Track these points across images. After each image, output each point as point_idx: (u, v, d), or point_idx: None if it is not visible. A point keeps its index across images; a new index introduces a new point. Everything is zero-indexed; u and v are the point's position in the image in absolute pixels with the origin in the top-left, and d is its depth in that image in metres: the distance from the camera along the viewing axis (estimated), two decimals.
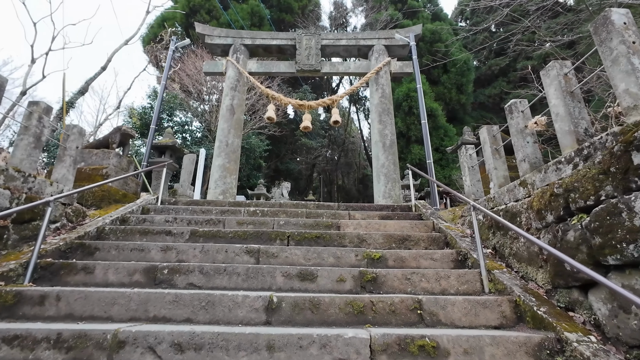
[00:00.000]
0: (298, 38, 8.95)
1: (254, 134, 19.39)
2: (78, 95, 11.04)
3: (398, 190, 7.69)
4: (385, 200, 7.47)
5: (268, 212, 4.83)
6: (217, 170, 7.78)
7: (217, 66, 8.98)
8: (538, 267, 2.85)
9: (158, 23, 21.64)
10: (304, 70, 8.90)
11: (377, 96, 8.49)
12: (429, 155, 7.01)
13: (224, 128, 8.14)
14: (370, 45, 9.11)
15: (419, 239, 3.96)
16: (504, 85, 28.87)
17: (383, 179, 7.69)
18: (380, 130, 8.15)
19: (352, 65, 9.11)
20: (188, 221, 4.37)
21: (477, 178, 4.58)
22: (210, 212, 4.83)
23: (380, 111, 8.32)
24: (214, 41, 9.09)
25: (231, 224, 4.35)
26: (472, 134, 8.03)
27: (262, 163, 23.02)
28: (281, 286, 2.96)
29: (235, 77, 8.62)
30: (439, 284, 2.99)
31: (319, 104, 8.11)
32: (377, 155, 7.99)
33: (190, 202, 5.35)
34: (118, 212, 4.47)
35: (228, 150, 7.95)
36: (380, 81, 8.60)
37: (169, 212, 4.83)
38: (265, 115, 8.09)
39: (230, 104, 8.36)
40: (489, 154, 4.08)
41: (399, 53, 9.32)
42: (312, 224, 4.37)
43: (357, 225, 4.38)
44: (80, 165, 5.56)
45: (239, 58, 8.86)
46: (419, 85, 7.89)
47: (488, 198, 3.96)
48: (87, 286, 2.92)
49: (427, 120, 23.49)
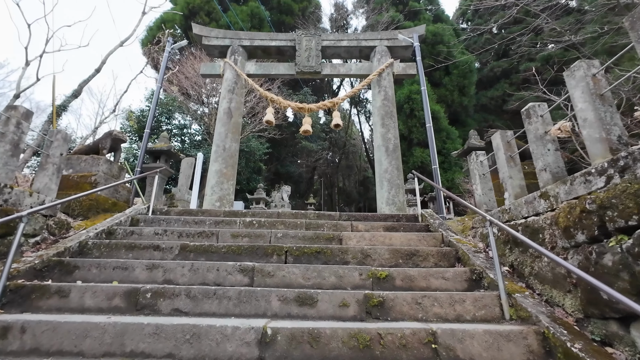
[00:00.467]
0: (298, 39, 8.68)
1: (253, 137, 19.13)
2: (71, 98, 10.78)
3: (402, 196, 7.37)
4: (389, 207, 7.16)
5: (265, 222, 4.53)
6: (213, 176, 7.48)
7: (214, 68, 8.71)
8: (565, 291, 2.53)
9: (157, 25, 21.45)
10: (304, 72, 8.62)
11: (380, 99, 8.20)
12: (435, 160, 6.70)
13: (221, 132, 7.86)
14: (372, 47, 8.83)
15: (427, 254, 3.65)
16: (506, 87, 28.56)
17: (386, 185, 7.39)
18: (383, 134, 7.85)
19: (353, 66, 8.84)
20: (179, 234, 4.07)
21: (488, 186, 4.27)
22: (204, 224, 4.53)
23: (383, 114, 8.03)
24: (211, 42, 8.82)
25: (225, 236, 4.05)
26: (478, 137, 7.72)
27: (262, 166, 22.75)
28: (277, 312, 2.65)
29: (232, 80, 8.34)
30: (453, 309, 2.68)
31: (319, 107, 7.82)
32: (380, 160, 7.69)
33: (183, 212, 5.05)
34: (104, 224, 4.17)
35: (225, 155, 7.66)
36: (382, 83, 8.31)
37: (160, 224, 4.52)
38: (264, 118, 7.80)
39: (227, 107, 8.08)
40: (503, 161, 3.77)
41: (402, 54, 9.04)
42: (312, 237, 4.06)
43: (360, 237, 4.07)
44: (68, 172, 5.27)
45: (237, 60, 8.59)
46: (423, 88, 7.59)
47: (503, 210, 3.65)
48: (60, 312, 2.62)
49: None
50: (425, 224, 4.67)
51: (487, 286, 3.03)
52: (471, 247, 3.69)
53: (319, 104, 7.87)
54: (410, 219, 5.07)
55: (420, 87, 23.46)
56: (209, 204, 7.24)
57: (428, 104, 7.38)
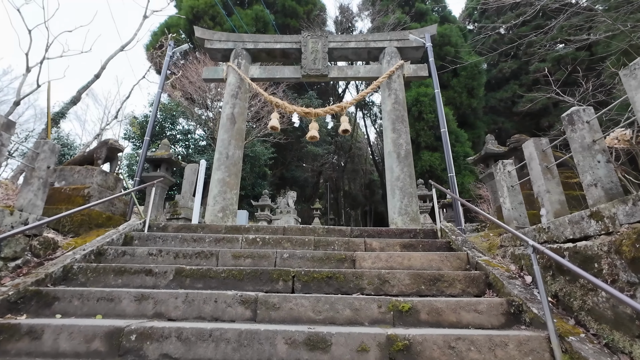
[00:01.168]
0: (303, 41, 8.32)
1: (258, 142, 18.82)
2: (70, 105, 10.57)
3: (415, 205, 6.93)
4: (402, 218, 6.72)
5: (270, 240, 4.12)
6: (216, 185, 7.12)
7: (217, 72, 8.38)
8: (634, 336, 2.08)
9: (161, 30, 21.33)
10: (310, 75, 8.25)
11: (390, 102, 7.78)
12: (451, 167, 6.25)
13: (224, 139, 7.51)
14: (381, 48, 8.44)
15: (453, 278, 3.21)
16: (516, 88, 27.93)
17: (398, 194, 6.95)
18: (394, 139, 7.43)
19: (361, 69, 8.45)
20: (175, 254, 3.68)
21: (518, 200, 3.82)
22: (203, 241, 4.14)
23: (394, 118, 7.61)
24: (214, 46, 8.51)
25: (226, 257, 3.65)
26: (496, 142, 7.26)
27: (268, 171, 22.44)
28: (283, 357, 2.24)
29: (236, 84, 8.00)
30: (494, 355, 2.24)
31: (326, 112, 7.43)
32: (391, 167, 7.26)
33: (182, 228, 4.67)
34: (94, 244, 3.80)
35: (228, 162, 7.30)
36: (392, 86, 7.91)
37: (155, 242, 4.15)
38: (269, 124, 7.43)
39: (230, 113, 7.74)
40: (538, 173, 3.32)
41: (412, 55, 8.62)
42: (322, 258, 3.64)
43: (375, 258, 3.64)
44: (60, 184, 4.94)
45: (241, 63, 8.26)
46: (437, 90, 7.16)
47: (539, 228, 3.20)
48: (31, 357, 2.24)
49: (437, 125, 22.43)
50: (446, 241, 4.22)
51: (529, 322, 2.59)
52: (504, 272, 3.24)
53: (326, 109, 7.49)
54: (428, 234, 4.63)
55: (428, 89, 22.94)
56: (211, 215, 6.88)
57: (442, 107, 6.95)
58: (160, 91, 7.51)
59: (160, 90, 7.52)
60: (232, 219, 6.97)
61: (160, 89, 7.53)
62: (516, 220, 3.75)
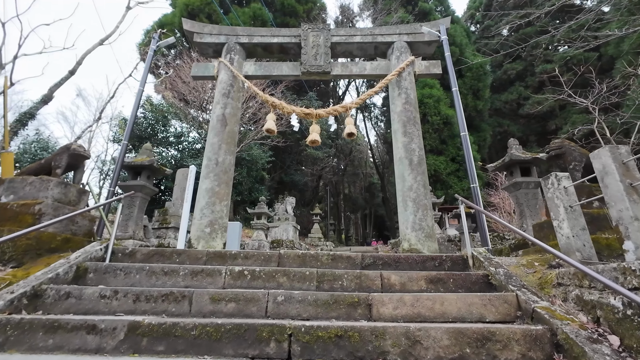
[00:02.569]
0: (303, 34, 7.49)
1: (255, 145, 17.99)
2: (40, 104, 9.72)
3: (431, 219, 6.07)
4: (416, 234, 5.86)
5: (261, 273, 3.25)
6: (203, 196, 6.26)
7: (207, 69, 7.54)
8: None
9: (154, 28, 20.55)
10: (311, 72, 7.41)
11: (400, 102, 6.95)
12: (474, 177, 5.41)
13: (214, 143, 6.65)
14: (389, 42, 7.61)
15: (508, 337, 2.35)
16: (521, 90, 27.20)
17: (411, 206, 6.09)
18: (406, 144, 6.58)
19: (367, 65, 7.62)
20: (136, 296, 2.81)
21: (580, 225, 2.97)
22: (176, 275, 3.27)
23: (405, 120, 6.77)
24: (204, 40, 7.67)
25: (202, 301, 2.78)
26: (520, 148, 6.41)
27: (265, 175, 21.59)
28: None
29: (228, 82, 7.16)
30: None
31: (329, 113, 6.59)
32: (403, 175, 6.40)
33: (153, 254, 3.79)
34: (29, 282, 2.92)
35: (218, 170, 6.44)
36: (403, 84, 7.07)
37: (116, 276, 3.27)
38: (265, 126, 6.59)
39: (221, 114, 6.88)
40: (619, 192, 2.48)
41: (424, 51, 7.80)
42: (327, 302, 2.78)
43: (398, 302, 2.78)
44: (7, 199, 4.07)
45: (233, 59, 7.42)
46: (454, 89, 6.32)
47: (625, 269, 2.34)
48: None
49: (442, 128, 21.72)
50: (483, 274, 3.35)
51: None
52: (577, 328, 2.37)
53: (329, 110, 6.65)
54: (457, 262, 3.77)
55: (432, 90, 22.08)
56: (197, 230, 6.01)
57: (462, 109, 6.12)
58: (141, 89, 6.66)
59: (142, 89, 6.67)
60: (221, 234, 6.11)
61: (142, 86, 6.68)
62: (579, 252, 2.89)
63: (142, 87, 6.66)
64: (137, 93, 6.57)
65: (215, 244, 5.94)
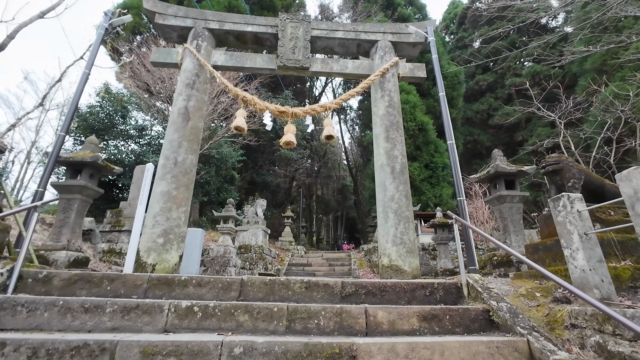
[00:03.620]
0: (281, 25, 6.82)
1: (226, 143, 16.95)
2: None
3: (412, 233, 5.62)
4: (397, 249, 5.38)
5: (216, 310, 2.55)
6: (158, 201, 5.39)
7: (170, 55, 6.65)
8: None
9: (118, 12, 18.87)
10: (288, 67, 6.75)
11: (383, 105, 6.48)
12: (461, 191, 5.00)
13: (173, 140, 5.80)
14: (373, 41, 7.13)
15: None
16: (491, 101, 28.14)
17: (393, 218, 5.61)
18: (388, 150, 6.10)
19: (349, 64, 7.09)
20: (33, 351, 2.01)
21: (597, 256, 2.56)
22: (101, 312, 2.48)
23: (388, 125, 6.30)
24: (167, 22, 6.77)
25: (129, 357, 2.04)
26: (505, 159, 6.15)
27: (236, 175, 20.53)
28: None
29: (193, 71, 6.32)
30: None
31: (307, 113, 5.96)
32: (384, 184, 5.91)
33: (77, 279, 2.95)
34: None
35: (177, 171, 5.60)
36: (386, 86, 6.61)
37: (15, 313, 2.42)
38: (233, 124, 5.85)
39: (183, 107, 6.04)
40: None
41: (408, 53, 7.40)
42: (299, 354, 2.14)
43: (389, 353, 2.20)
44: None
45: (201, 46, 6.59)
46: (441, 93, 5.93)
47: None
48: None
49: (417, 134, 21.59)
50: (483, 309, 2.86)
51: None
52: None
53: (307, 109, 6.03)
54: (450, 291, 3.27)
55: (409, 96, 21.95)
56: (148, 241, 5.14)
57: (448, 115, 5.73)
58: (87, 72, 5.66)
59: (88, 71, 5.67)
60: (177, 245, 5.28)
61: (88, 69, 5.68)
62: (598, 289, 2.48)
63: (87, 69, 5.66)
64: (81, 76, 5.57)
65: (169, 257, 5.11)
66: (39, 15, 6.15)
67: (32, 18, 6.25)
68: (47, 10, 6.30)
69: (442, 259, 8.45)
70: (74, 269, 4.86)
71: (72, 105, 5.35)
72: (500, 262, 5.60)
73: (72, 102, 5.38)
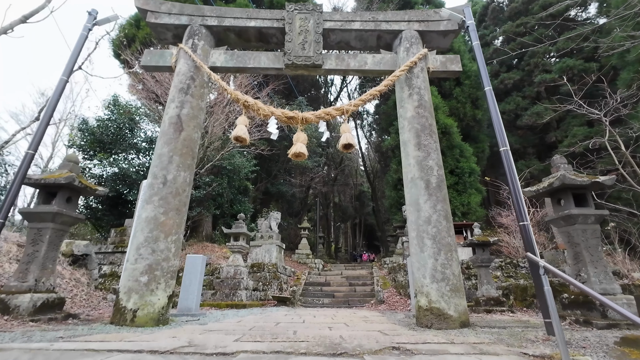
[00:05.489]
0: (288, 17, 5.88)
1: (238, 153, 16.21)
2: None
3: (457, 265, 4.43)
4: (438, 287, 4.21)
5: None
6: (142, 229, 4.48)
7: (163, 57, 5.82)
8: None
9: (130, 23, 18.70)
10: (297, 65, 5.78)
11: (412, 105, 5.37)
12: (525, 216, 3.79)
13: (162, 154, 4.90)
14: (396, 32, 6.08)
15: None
16: (519, 100, 26.21)
17: (430, 246, 4.45)
18: (420, 160, 4.97)
19: (369, 59, 6.04)
20: None
21: None
22: None
23: (419, 129, 5.18)
24: (160, 20, 5.97)
25: None
26: (570, 168, 4.86)
27: (249, 186, 19.73)
28: None
29: (187, 74, 5.46)
30: None
31: (320, 117, 4.94)
32: (417, 202, 4.77)
33: None
34: None
35: (166, 191, 4.68)
36: (415, 83, 5.51)
37: None
38: (233, 134, 4.91)
39: (175, 115, 5.15)
40: None
41: (437, 43, 6.30)
42: None
43: None
44: None
45: (197, 45, 5.73)
46: (488, 88, 4.74)
47: None
48: None
49: (441, 138, 20.17)
50: None
51: None
52: None
53: (319, 113, 5.01)
54: None
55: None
56: (129, 279, 4.21)
57: (498, 112, 4.52)
58: (65, 79, 4.88)
59: (65, 78, 4.88)
60: (166, 284, 4.32)
61: (66, 76, 4.90)
62: None
63: (65, 76, 4.87)
64: (57, 83, 4.78)
65: (154, 299, 4.15)
66: (21, 20, 5.52)
67: (13, 23, 5.62)
68: (30, 14, 5.67)
69: (484, 285, 7.15)
70: (40, 315, 3.99)
71: (45, 117, 4.55)
72: (574, 303, 4.32)
73: (46, 113, 4.59)
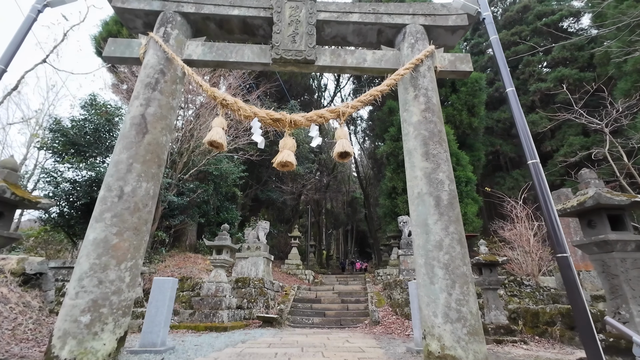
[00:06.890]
0: (277, 5, 5.12)
1: (225, 158, 15.33)
2: None
3: (474, 300, 3.66)
4: (452, 328, 3.43)
5: None
6: (88, 254, 3.60)
7: (129, 47, 5.00)
8: None
9: (114, 20, 17.79)
10: (287, 60, 5.01)
11: (418, 109, 4.64)
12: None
13: (120, 161, 4.04)
14: (399, 26, 5.37)
15: None
16: None
17: (442, 276, 3.68)
18: (429, 172, 4.23)
19: (369, 56, 5.32)
20: None
21: None
22: None
23: (426, 136, 4.44)
24: (128, 5, 5.15)
25: None
26: (602, 183, 4.18)
27: (238, 192, 18.81)
28: None
29: (157, 67, 4.64)
30: None
31: (311, 120, 4.16)
32: (425, 222, 4.01)
33: None
34: None
35: (122, 207, 3.82)
36: (421, 83, 4.79)
37: None
38: (206, 138, 4.11)
39: (139, 115, 4.31)
40: None
41: (445, 41, 5.61)
42: None
43: None
44: None
45: (170, 34, 4.93)
46: (510, 89, 4.02)
47: None
48: None
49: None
50: None
51: None
52: None
53: (310, 115, 4.25)
54: None
55: None
56: (66, 319, 3.32)
57: (524, 118, 3.80)
58: (4, 69, 4.02)
59: (4, 67, 4.02)
60: (115, 323, 3.44)
61: (5, 65, 4.04)
62: None
63: (3, 65, 4.01)
64: None
65: (98, 345, 3.27)
66: None
67: None
68: None
69: (493, 311, 6.41)
70: None
71: None
72: (613, 347, 3.58)
73: None
